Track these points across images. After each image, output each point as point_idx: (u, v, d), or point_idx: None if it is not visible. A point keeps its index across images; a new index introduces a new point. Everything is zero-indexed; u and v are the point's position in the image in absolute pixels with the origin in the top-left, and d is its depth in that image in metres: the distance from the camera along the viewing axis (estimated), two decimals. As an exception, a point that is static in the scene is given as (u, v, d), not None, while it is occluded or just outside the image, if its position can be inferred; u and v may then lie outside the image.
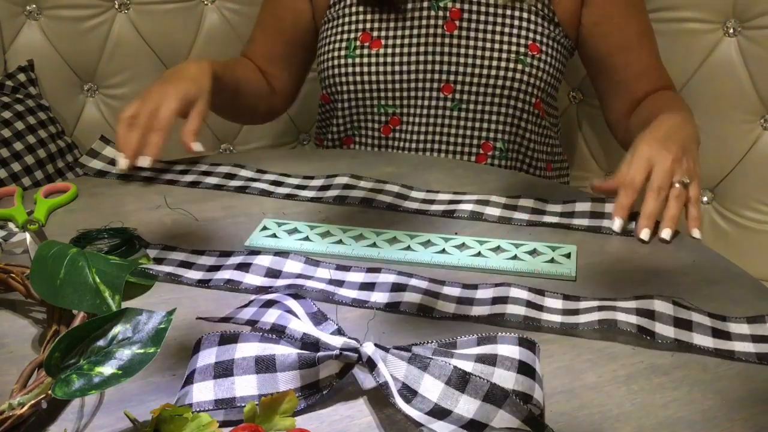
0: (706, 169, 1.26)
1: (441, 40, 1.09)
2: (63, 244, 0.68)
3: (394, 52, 1.09)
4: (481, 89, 1.08)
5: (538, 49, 1.08)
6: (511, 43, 1.07)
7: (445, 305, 0.70)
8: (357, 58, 1.09)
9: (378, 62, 1.09)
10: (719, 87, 1.21)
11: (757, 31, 1.17)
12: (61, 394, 0.51)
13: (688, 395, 0.59)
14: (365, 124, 1.14)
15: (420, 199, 0.90)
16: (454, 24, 1.08)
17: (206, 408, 0.55)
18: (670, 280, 0.75)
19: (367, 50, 1.09)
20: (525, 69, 1.07)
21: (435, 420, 0.54)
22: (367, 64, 1.09)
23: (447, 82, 1.09)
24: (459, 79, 1.09)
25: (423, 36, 1.09)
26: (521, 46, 1.07)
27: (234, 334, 0.58)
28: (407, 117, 1.11)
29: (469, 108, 1.10)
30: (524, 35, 1.08)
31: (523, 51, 1.07)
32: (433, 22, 1.09)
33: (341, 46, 1.11)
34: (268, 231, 0.84)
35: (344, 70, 1.10)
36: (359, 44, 1.09)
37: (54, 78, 1.39)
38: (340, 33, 1.12)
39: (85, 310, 0.62)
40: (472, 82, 1.09)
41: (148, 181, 0.95)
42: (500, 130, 1.10)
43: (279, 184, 0.94)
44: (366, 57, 1.09)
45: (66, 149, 1.34)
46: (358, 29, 1.10)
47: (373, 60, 1.09)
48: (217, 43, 1.43)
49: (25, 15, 1.36)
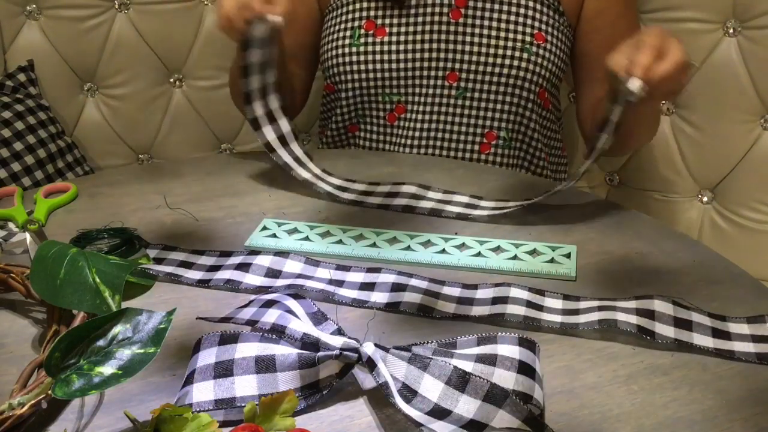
0: (707, 169, 1.26)
1: (446, 28, 1.08)
2: (63, 244, 0.68)
3: (399, 40, 1.09)
4: (486, 77, 1.08)
5: (543, 38, 1.08)
6: (516, 31, 1.07)
7: (445, 305, 0.70)
8: (361, 47, 1.09)
9: (383, 50, 1.09)
10: (719, 87, 1.21)
11: (757, 31, 1.17)
12: (61, 394, 0.51)
13: (688, 395, 0.59)
14: (370, 113, 1.14)
15: (463, 203, 0.90)
16: (460, 12, 1.08)
17: (206, 408, 0.55)
18: (670, 280, 0.75)
19: (372, 38, 1.09)
20: (530, 58, 1.07)
21: (435, 420, 0.54)
22: (371, 52, 1.09)
23: (452, 70, 1.09)
24: (464, 67, 1.09)
25: (428, 24, 1.09)
26: (527, 34, 1.07)
27: (234, 334, 0.58)
28: (412, 105, 1.11)
29: (474, 96, 1.10)
30: (530, 24, 1.08)
31: (528, 40, 1.07)
32: (438, 10, 1.09)
33: (345, 34, 1.10)
34: (268, 231, 0.84)
35: (348, 58, 1.10)
36: (363, 32, 1.09)
37: (54, 78, 1.39)
38: (344, 21, 1.11)
39: (85, 310, 0.62)
40: (477, 71, 1.09)
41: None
42: (504, 119, 1.10)
43: (344, 190, 0.93)
44: (370, 45, 1.09)
45: (66, 149, 1.33)
46: (362, 17, 1.10)
47: (378, 48, 1.09)
48: (217, 43, 1.42)
49: (25, 15, 1.36)
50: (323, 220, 0.87)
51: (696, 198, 1.29)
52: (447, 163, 1.05)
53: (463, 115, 1.10)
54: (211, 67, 1.44)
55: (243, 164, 1.03)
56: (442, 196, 0.91)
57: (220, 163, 1.04)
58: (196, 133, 1.48)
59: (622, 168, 1.35)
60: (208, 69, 1.44)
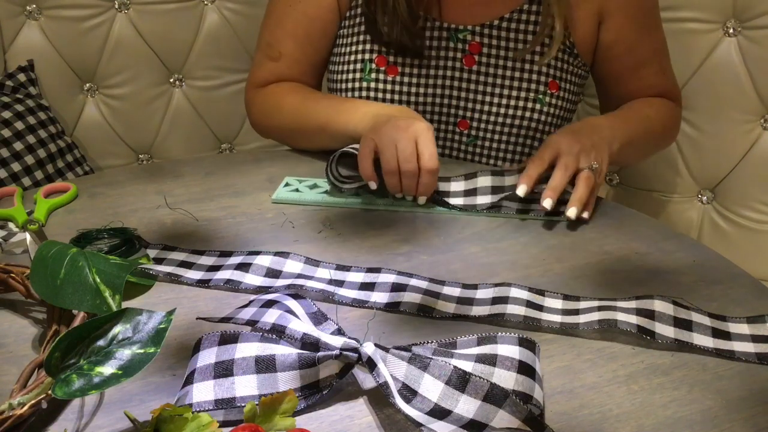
0: (707, 169, 1.26)
1: (459, 75, 1.05)
2: (63, 244, 0.68)
3: (411, 82, 1.06)
4: (498, 128, 1.06)
5: (557, 87, 1.05)
6: (531, 80, 1.04)
7: (445, 305, 0.70)
8: (372, 83, 1.06)
9: (393, 90, 1.06)
10: (719, 87, 1.21)
11: (757, 31, 1.17)
12: (61, 394, 0.51)
13: (688, 395, 0.59)
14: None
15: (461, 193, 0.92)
16: (473, 58, 1.05)
17: (206, 408, 0.55)
18: (670, 280, 0.75)
19: (383, 75, 1.06)
20: (543, 108, 1.05)
21: (435, 420, 0.54)
22: (382, 90, 1.06)
23: (463, 118, 1.07)
24: (476, 116, 1.06)
25: (441, 69, 1.05)
26: (540, 83, 1.04)
27: (234, 334, 0.58)
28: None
29: (485, 145, 1.08)
30: (544, 72, 1.05)
31: (542, 90, 1.04)
32: (452, 55, 1.05)
33: (356, 67, 1.07)
34: (290, 187, 0.93)
35: (358, 93, 1.07)
36: (374, 67, 1.06)
37: (54, 78, 1.39)
38: (355, 52, 1.08)
39: (85, 310, 0.62)
40: (488, 120, 1.06)
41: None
42: (515, 160, 1.09)
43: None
44: (381, 83, 1.06)
45: (66, 149, 1.34)
46: (373, 50, 1.06)
47: (389, 87, 1.06)
48: (217, 43, 1.43)
49: (25, 15, 1.36)
50: (323, 219, 0.87)
51: (696, 198, 1.29)
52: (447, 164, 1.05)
53: (474, 160, 1.09)
54: (211, 67, 1.44)
55: (243, 164, 1.03)
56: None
57: (220, 163, 1.04)
58: (196, 133, 1.48)
59: (622, 168, 1.35)
60: (208, 69, 1.44)
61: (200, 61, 1.43)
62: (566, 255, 0.80)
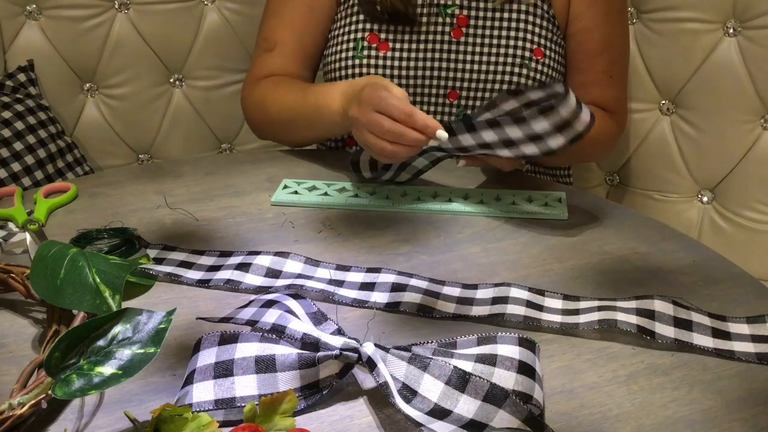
0: (706, 169, 1.26)
1: (448, 47, 1.08)
2: (63, 244, 0.68)
3: (402, 56, 1.08)
4: (486, 95, 1.08)
5: (542, 53, 1.08)
6: (516, 47, 1.07)
7: (445, 305, 0.70)
8: (364, 59, 1.08)
9: (385, 65, 1.08)
10: (719, 87, 1.21)
11: (757, 31, 1.17)
12: (61, 394, 0.51)
13: (688, 395, 0.59)
14: None
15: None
16: (461, 31, 1.08)
17: (206, 408, 0.55)
18: (670, 280, 0.75)
19: (375, 51, 1.08)
20: (529, 74, 1.07)
21: (435, 420, 0.54)
22: (374, 66, 1.08)
23: (453, 89, 1.09)
24: (465, 85, 1.09)
25: (430, 42, 1.08)
26: (526, 50, 1.07)
27: (234, 334, 0.58)
28: None
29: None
30: (529, 39, 1.08)
31: (528, 56, 1.07)
32: (441, 29, 1.08)
33: (349, 46, 1.10)
34: (289, 189, 0.93)
35: (351, 70, 1.09)
36: (366, 44, 1.08)
37: (54, 78, 1.39)
38: (347, 33, 1.11)
39: (85, 310, 0.62)
40: (477, 88, 1.09)
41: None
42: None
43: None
44: (373, 59, 1.08)
45: (66, 149, 1.33)
46: (365, 29, 1.09)
47: (381, 62, 1.08)
48: (217, 43, 1.43)
49: (25, 15, 1.36)
50: (324, 220, 0.87)
51: (696, 198, 1.29)
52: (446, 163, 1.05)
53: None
54: (211, 67, 1.44)
55: (243, 164, 1.03)
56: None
57: (220, 163, 1.05)
58: (196, 133, 1.48)
59: (622, 168, 1.35)
60: (208, 69, 1.44)
61: (200, 61, 1.43)
62: (566, 255, 0.80)
